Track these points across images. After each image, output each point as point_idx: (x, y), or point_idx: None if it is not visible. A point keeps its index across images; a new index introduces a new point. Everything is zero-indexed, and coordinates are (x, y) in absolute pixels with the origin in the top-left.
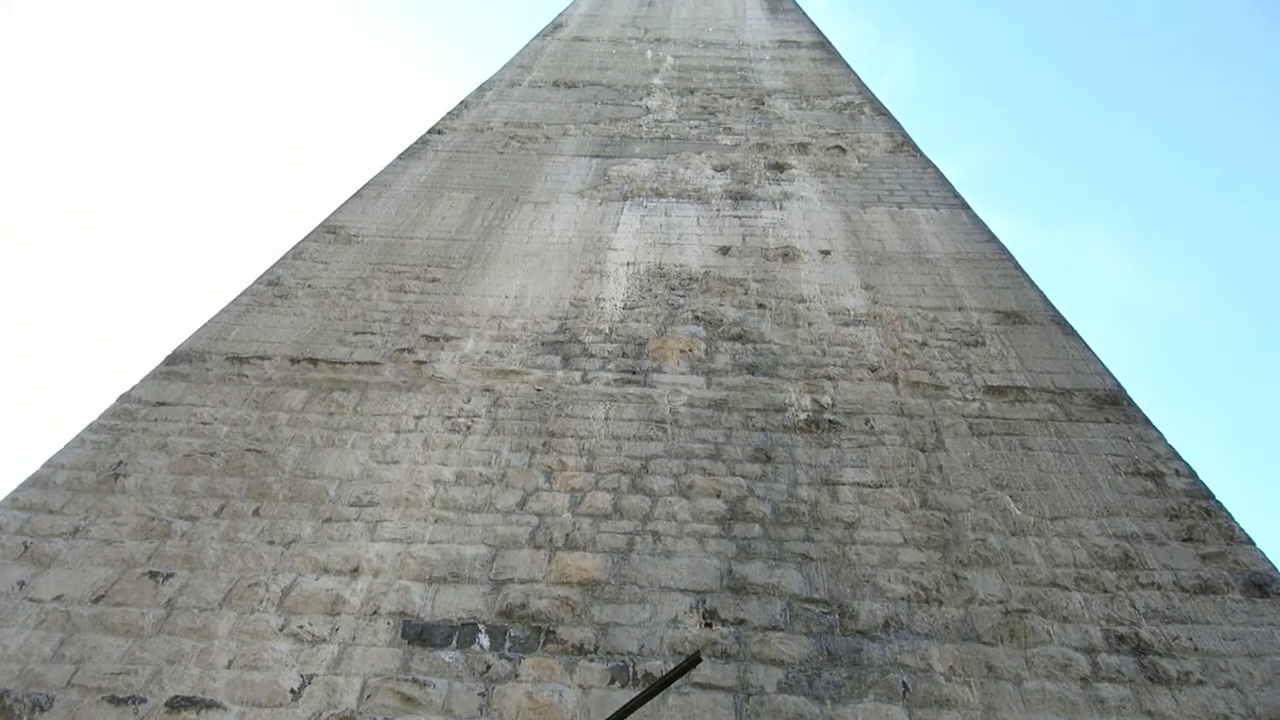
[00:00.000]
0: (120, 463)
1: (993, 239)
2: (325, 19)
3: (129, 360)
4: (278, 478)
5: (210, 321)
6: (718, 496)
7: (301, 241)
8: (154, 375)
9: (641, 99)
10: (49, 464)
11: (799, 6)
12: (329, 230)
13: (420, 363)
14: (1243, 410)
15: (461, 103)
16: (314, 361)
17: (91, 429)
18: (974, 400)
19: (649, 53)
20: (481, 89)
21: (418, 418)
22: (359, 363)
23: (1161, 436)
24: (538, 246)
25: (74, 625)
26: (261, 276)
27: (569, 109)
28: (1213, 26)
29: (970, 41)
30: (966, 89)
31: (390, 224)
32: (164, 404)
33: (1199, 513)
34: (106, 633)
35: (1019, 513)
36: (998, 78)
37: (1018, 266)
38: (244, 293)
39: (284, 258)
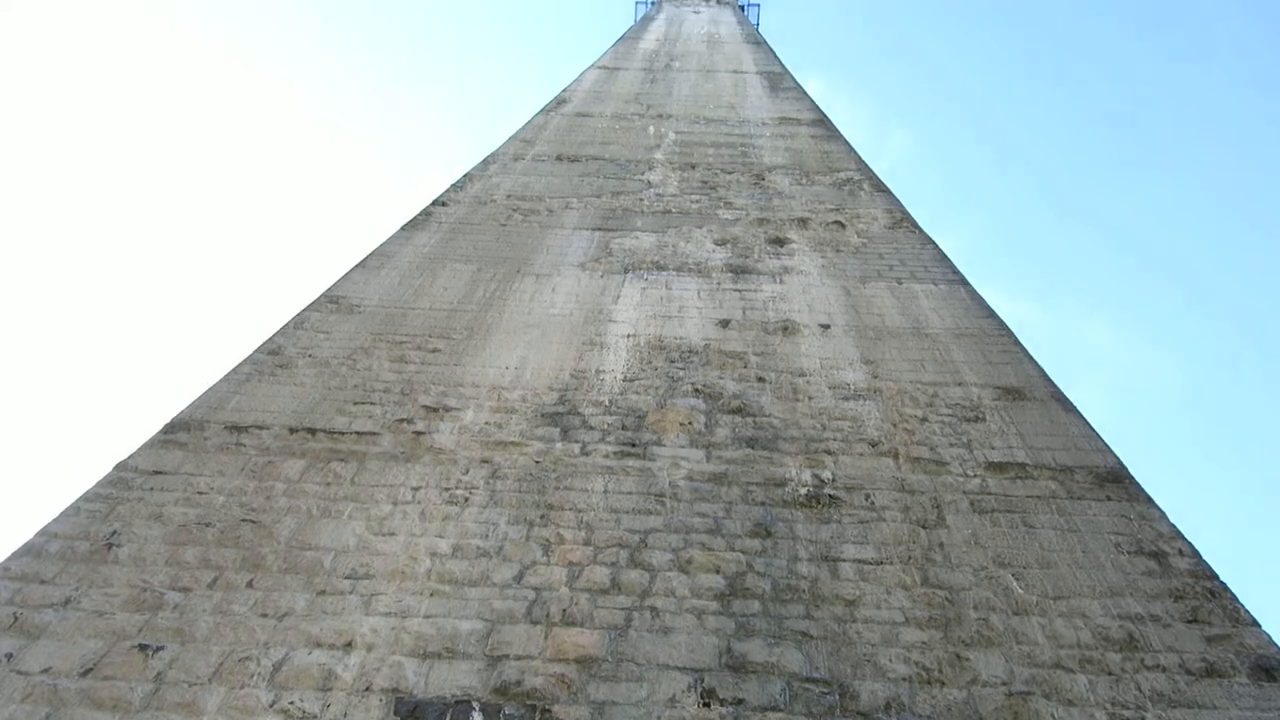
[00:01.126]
0: (114, 532)
1: (991, 314)
2: (335, 91)
3: (130, 428)
4: (273, 549)
5: (210, 390)
6: (717, 572)
7: (304, 311)
8: (152, 444)
9: (643, 173)
10: (43, 533)
11: (799, 85)
12: (331, 300)
13: (419, 433)
14: (1243, 489)
15: (466, 175)
16: (313, 431)
17: (87, 498)
18: (975, 476)
19: (651, 128)
20: (485, 162)
21: (415, 489)
22: (358, 433)
23: (1164, 515)
24: (539, 318)
25: (61, 699)
26: (263, 345)
27: (572, 182)
28: (1208, 107)
29: (966, 123)
30: (963, 168)
31: (393, 294)
32: (161, 473)
33: (1203, 593)
34: (93, 707)
35: (1022, 592)
36: (994, 158)
37: (1017, 342)
38: (245, 361)
39: (285, 327)
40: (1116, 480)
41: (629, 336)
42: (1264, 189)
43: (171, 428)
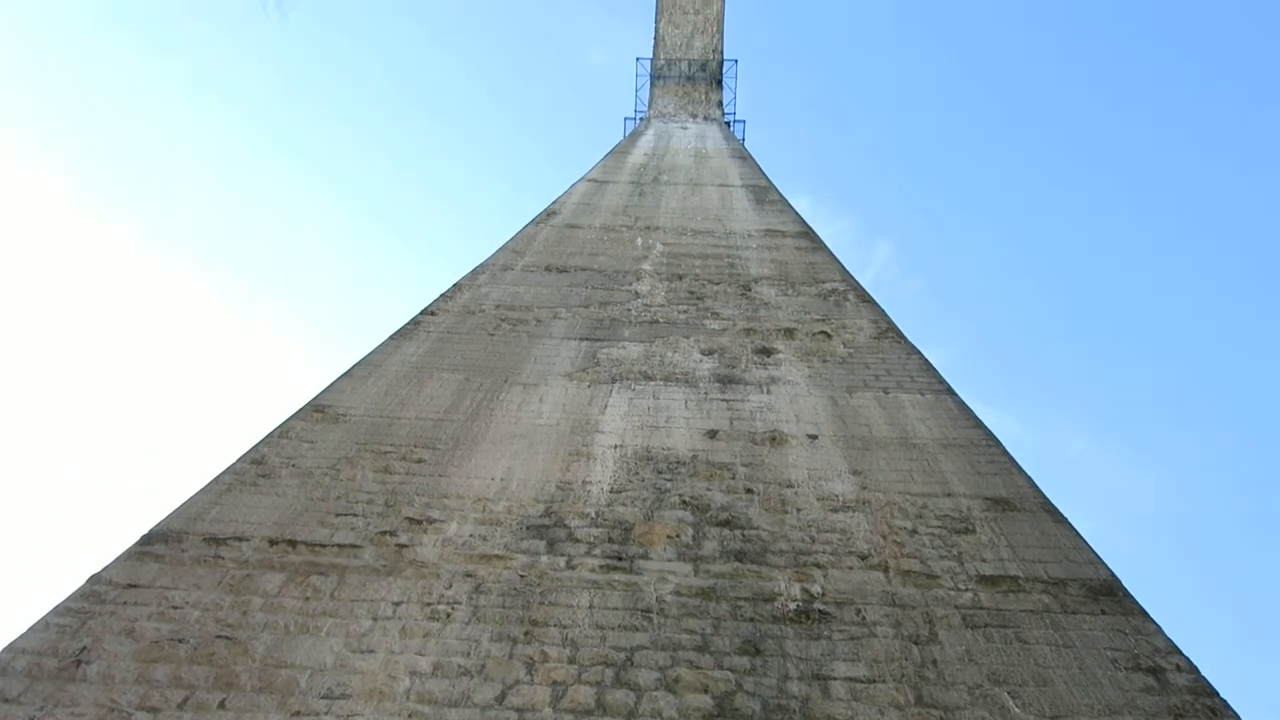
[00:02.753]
0: (84, 648)
1: (979, 424)
2: (319, 205)
3: (108, 539)
4: (247, 667)
5: (190, 500)
6: (705, 691)
7: (288, 420)
8: (127, 555)
9: (631, 284)
10: (10, 648)
11: (784, 198)
12: (317, 409)
13: (402, 546)
14: (1235, 603)
15: (455, 285)
16: (293, 543)
17: (57, 611)
18: (967, 590)
19: (639, 240)
20: (475, 272)
21: (396, 604)
22: (339, 545)
23: (1160, 630)
24: (525, 428)
25: None
26: (245, 455)
27: (560, 293)
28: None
29: (949, 237)
30: (946, 282)
31: (379, 404)
32: (135, 586)
33: (1204, 711)
34: None
35: (1018, 711)
36: (977, 273)
37: (1005, 452)
38: (226, 471)
39: (270, 436)
40: (1110, 593)
41: (616, 447)
42: (1246, 298)
43: (148, 539)
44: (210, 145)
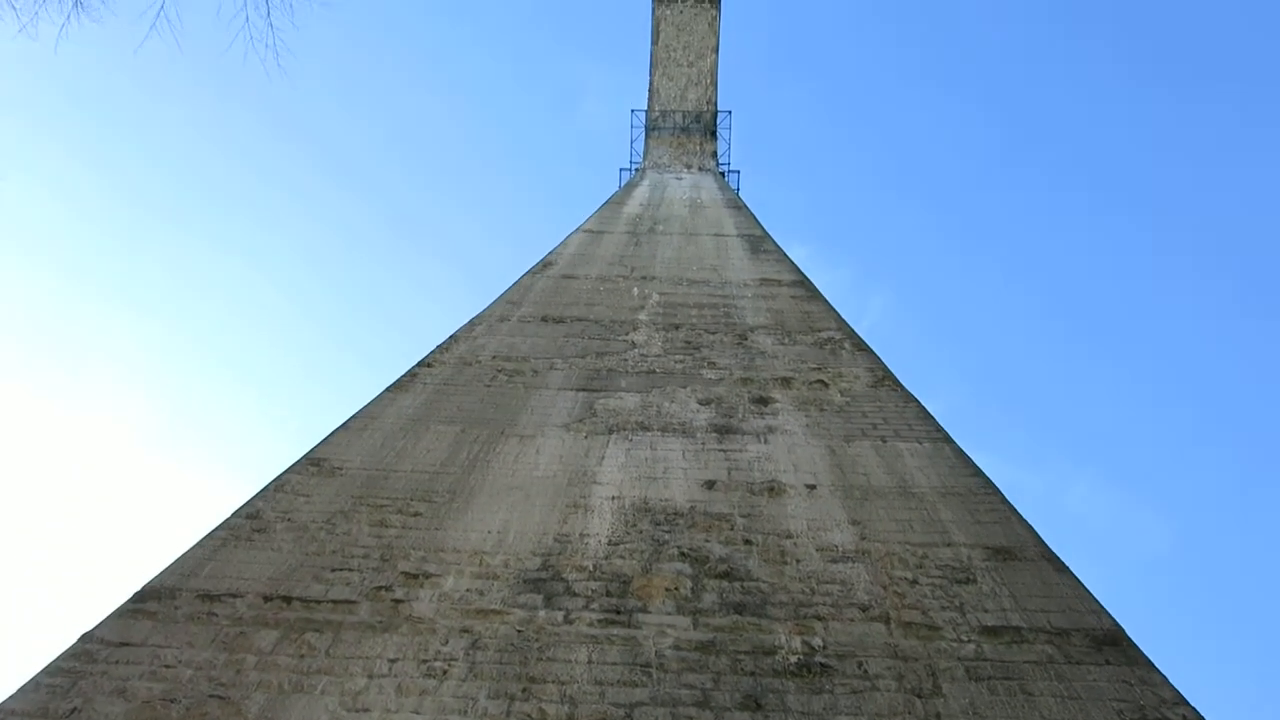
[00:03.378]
0: (74, 709)
1: (977, 472)
2: (312, 256)
3: (103, 596)
4: None
5: (183, 556)
6: None
7: (284, 473)
8: (119, 613)
9: (628, 334)
10: (0, 710)
11: (779, 247)
12: (313, 463)
13: (398, 601)
14: (1240, 650)
15: (452, 336)
16: (288, 600)
17: (48, 671)
18: (969, 642)
19: (635, 290)
20: (472, 323)
21: (392, 661)
22: (334, 601)
23: (1166, 680)
24: (522, 480)
25: None
26: (240, 509)
27: (556, 343)
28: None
29: (944, 286)
30: (942, 330)
31: (375, 456)
32: (127, 644)
33: None
34: None
35: None
36: (972, 321)
37: (1004, 500)
38: (221, 526)
39: (265, 490)
40: (1114, 643)
41: (613, 499)
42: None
43: (141, 596)
44: (210, 189)
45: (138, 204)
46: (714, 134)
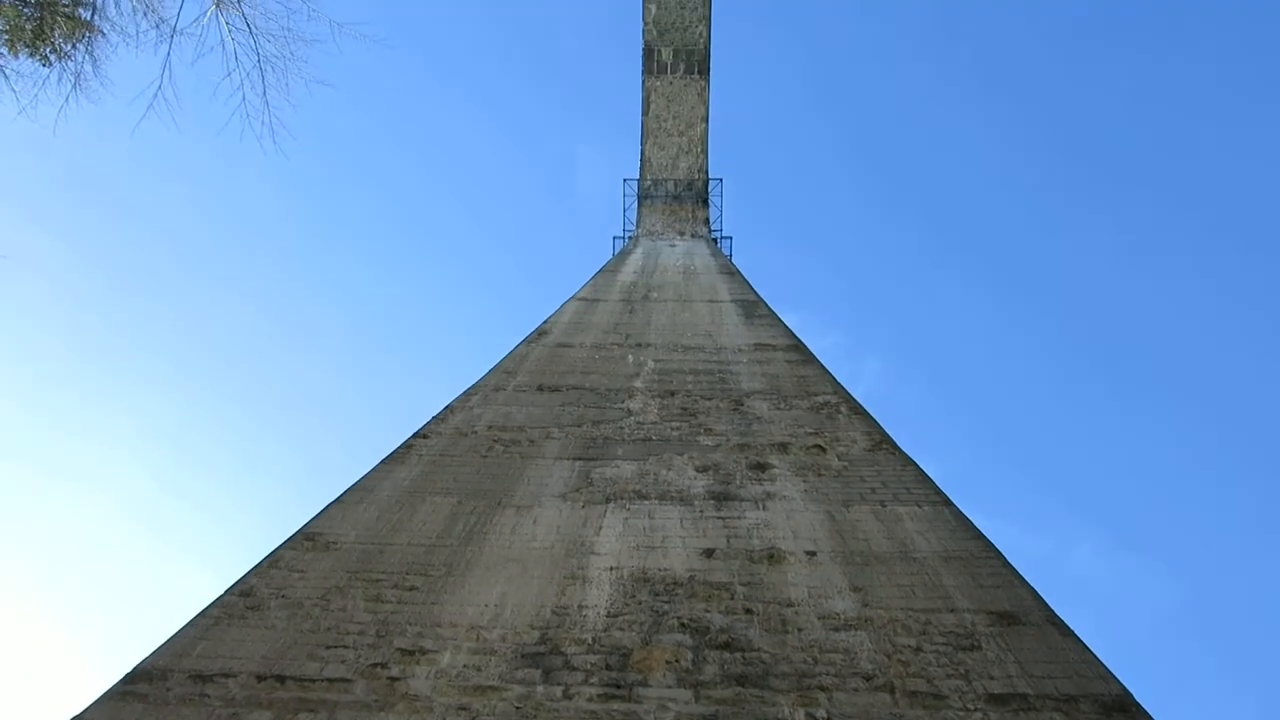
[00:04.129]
0: None
1: (979, 536)
2: (316, 327)
3: (95, 678)
4: None
5: (175, 636)
6: None
7: (278, 549)
8: (110, 696)
9: (623, 401)
10: None
11: (773, 312)
12: (307, 538)
13: (394, 679)
14: (1250, 715)
15: (448, 407)
16: (281, 679)
17: None
18: (976, 710)
19: (630, 357)
20: (467, 394)
21: None
22: (329, 680)
23: None
24: (519, 552)
25: None
26: (233, 586)
27: (552, 412)
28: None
29: (939, 348)
30: (938, 393)
31: (370, 530)
32: None
33: None
34: None
35: None
36: (968, 383)
37: (1007, 564)
38: (214, 604)
39: (259, 566)
40: (1123, 709)
41: (612, 569)
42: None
43: (132, 678)
44: (203, 265)
45: (131, 282)
46: (706, 201)
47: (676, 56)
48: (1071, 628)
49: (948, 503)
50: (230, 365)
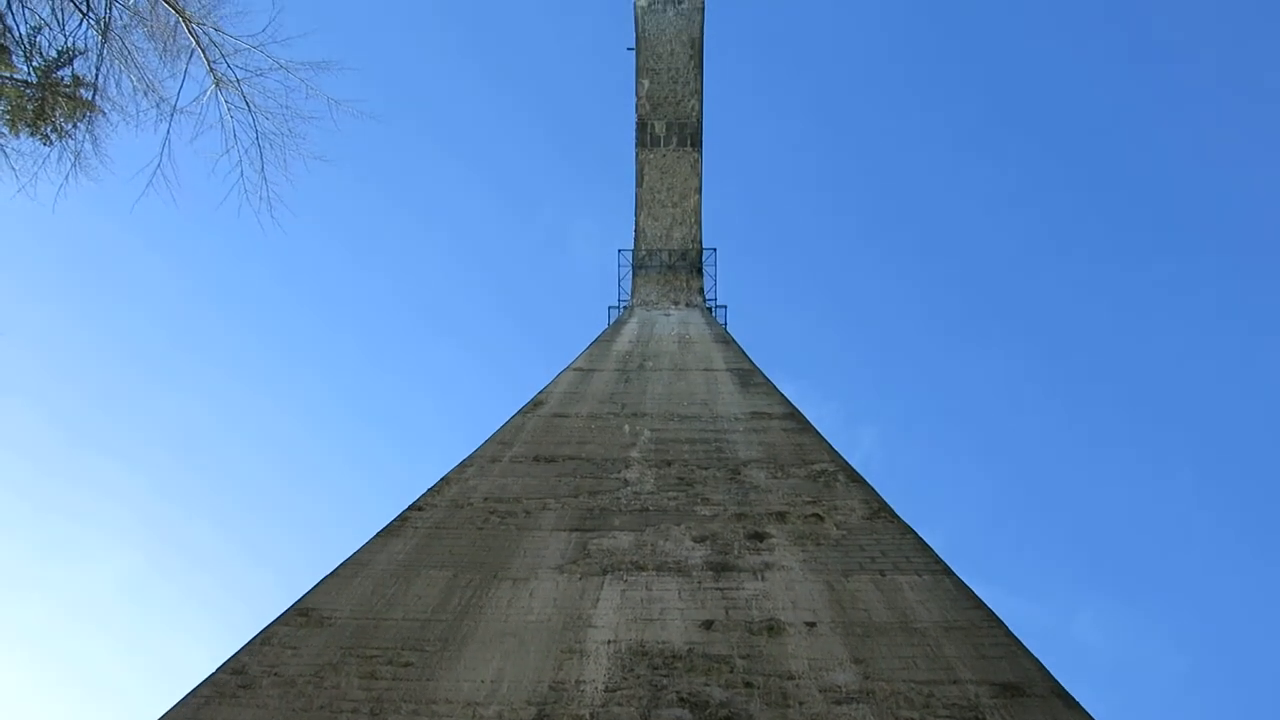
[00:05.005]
0: None
1: (980, 605)
2: (312, 412)
3: None
4: None
5: (166, 716)
6: None
7: (271, 625)
8: None
9: (620, 471)
10: None
11: (769, 380)
12: (301, 613)
13: None
14: None
15: (443, 479)
16: None
17: None
18: None
19: (627, 427)
20: (463, 465)
21: None
22: None
23: None
24: (516, 626)
25: None
26: (226, 664)
27: (549, 483)
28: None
29: (933, 417)
30: (934, 461)
31: (365, 605)
32: None
33: None
34: None
35: None
36: (964, 451)
37: (1010, 634)
38: (205, 682)
39: (251, 643)
40: None
41: (609, 643)
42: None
43: None
44: (203, 336)
45: (128, 358)
46: (700, 271)
47: (670, 130)
48: (1076, 699)
49: (948, 571)
50: (225, 440)
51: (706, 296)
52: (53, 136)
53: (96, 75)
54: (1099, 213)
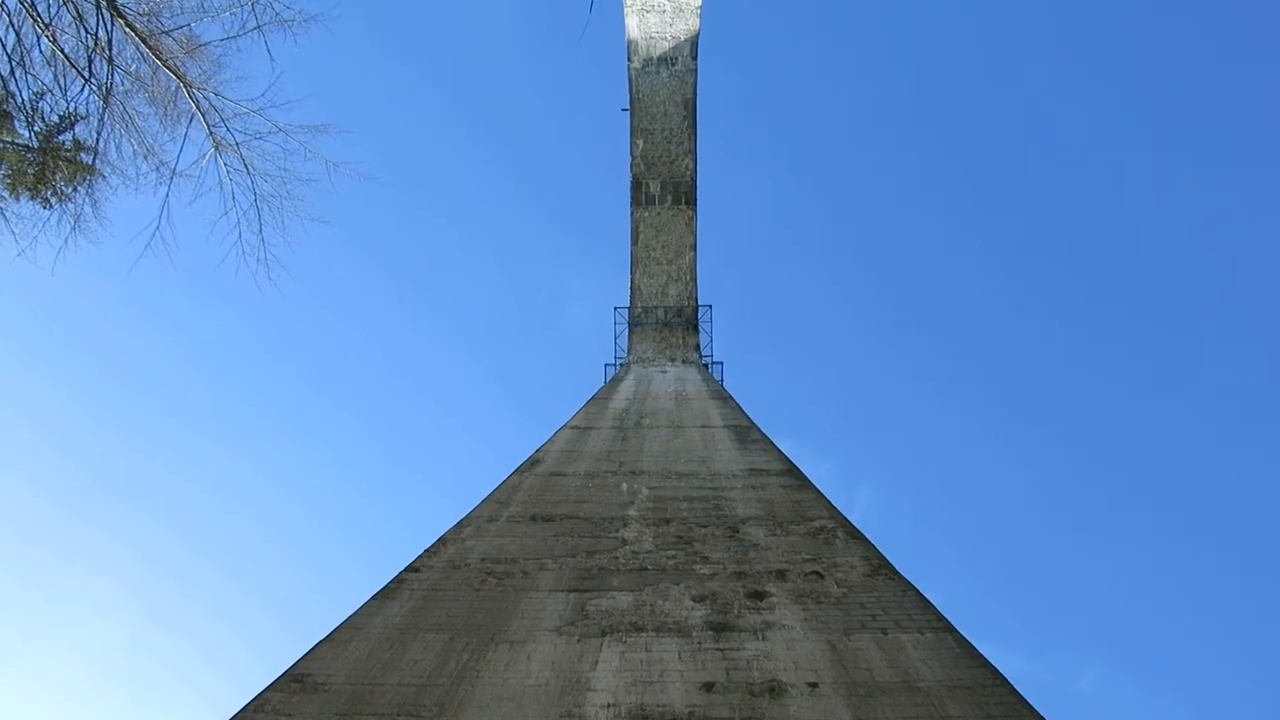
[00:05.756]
0: None
1: (984, 663)
2: (302, 477)
3: None
4: None
5: None
6: None
7: (264, 692)
8: None
9: (618, 530)
10: None
11: (766, 436)
12: (295, 679)
13: None
14: None
15: (440, 539)
16: None
17: None
18: None
19: (624, 485)
20: (460, 525)
21: None
22: None
23: None
24: (514, 690)
25: None
26: None
27: (546, 543)
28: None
29: (933, 472)
30: (934, 518)
31: (360, 669)
32: None
33: None
34: None
35: None
36: (963, 508)
37: (1014, 692)
38: None
39: (244, 710)
40: None
41: (609, 706)
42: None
43: None
44: (194, 400)
45: (120, 426)
46: (696, 327)
47: (664, 188)
48: None
49: (950, 629)
50: (217, 507)
51: (703, 353)
52: (53, 200)
53: (98, 140)
54: (1086, 282)
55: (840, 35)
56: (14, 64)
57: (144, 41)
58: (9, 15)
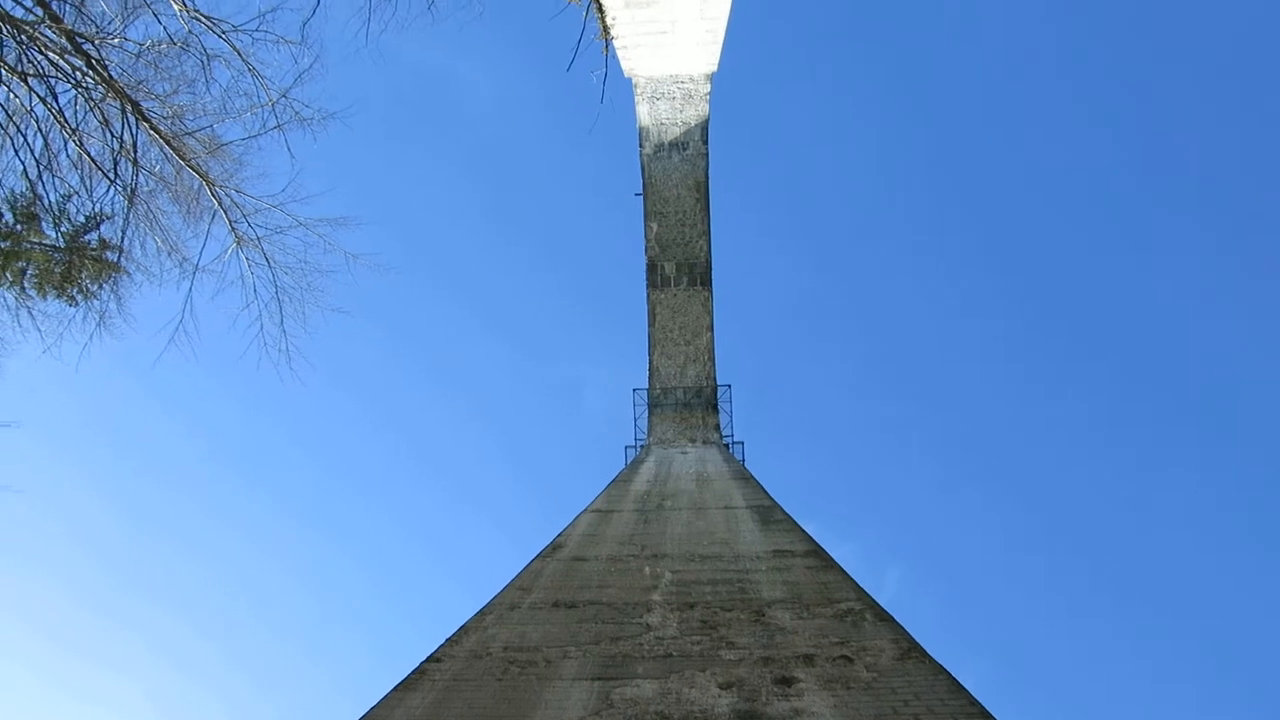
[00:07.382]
0: None
1: None
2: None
3: None
4: None
5: None
6: None
7: None
8: None
9: (642, 616)
10: None
11: (789, 516)
12: None
13: None
14: None
15: (462, 628)
16: None
17: None
18: None
19: (647, 569)
20: (482, 613)
21: None
22: None
23: None
24: None
25: None
26: None
27: (569, 630)
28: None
29: (961, 554)
30: (962, 602)
31: None
32: None
33: None
34: None
35: None
36: (993, 592)
37: None
38: None
39: None
40: None
41: None
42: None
43: None
44: (215, 489)
45: (143, 519)
46: (715, 408)
47: (680, 270)
48: None
49: (985, 714)
50: (235, 600)
51: (723, 433)
52: (78, 298)
53: (122, 238)
54: (1097, 362)
55: (858, 110)
56: (42, 168)
57: (168, 143)
58: (38, 122)
